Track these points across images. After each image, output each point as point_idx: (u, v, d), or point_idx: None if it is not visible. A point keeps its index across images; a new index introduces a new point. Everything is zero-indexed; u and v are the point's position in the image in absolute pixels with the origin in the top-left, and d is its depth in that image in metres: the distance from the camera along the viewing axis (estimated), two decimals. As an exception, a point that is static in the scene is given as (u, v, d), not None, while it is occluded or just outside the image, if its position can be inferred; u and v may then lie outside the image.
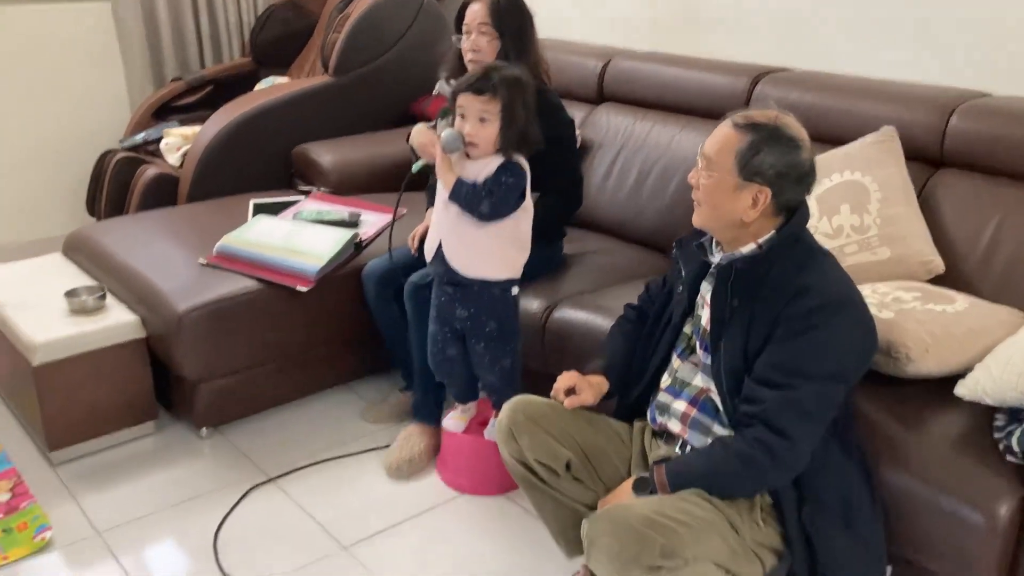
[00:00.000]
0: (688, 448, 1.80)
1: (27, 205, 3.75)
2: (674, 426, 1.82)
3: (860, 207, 2.18)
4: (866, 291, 1.97)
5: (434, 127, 2.31)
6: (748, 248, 1.70)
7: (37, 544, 2.13)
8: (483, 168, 2.08)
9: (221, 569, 2.06)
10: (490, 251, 2.15)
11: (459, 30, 2.48)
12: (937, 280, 2.13)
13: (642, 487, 1.70)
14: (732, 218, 1.68)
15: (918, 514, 1.70)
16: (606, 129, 3.01)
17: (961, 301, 1.95)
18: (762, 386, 1.63)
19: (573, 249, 2.74)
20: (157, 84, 3.89)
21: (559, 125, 2.52)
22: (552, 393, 1.92)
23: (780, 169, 1.64)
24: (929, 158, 2.30)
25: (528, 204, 2.15)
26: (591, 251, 2.76)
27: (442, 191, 2.11)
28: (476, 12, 2.42)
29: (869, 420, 1.80)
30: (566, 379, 1.92)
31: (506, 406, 1.89)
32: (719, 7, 2.98)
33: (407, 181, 2.27)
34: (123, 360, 2.48)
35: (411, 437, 2.44)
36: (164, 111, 3.79)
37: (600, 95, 3.12)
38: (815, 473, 1.68)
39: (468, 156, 2.08)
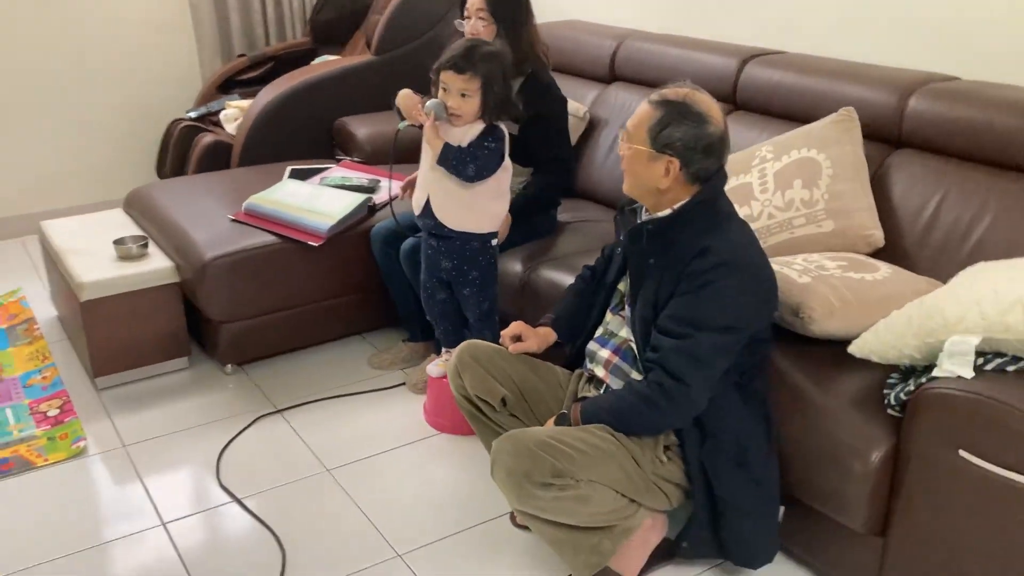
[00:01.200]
0: (609, 391, 2.00)
1: (106, 168, 4.19)
2: (599, 371, 2.03)
3: (811, 182, 2.32)
4: (798, 260, 2.13)
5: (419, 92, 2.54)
6: (664, 212, 1.88)
7: (73, 451, 2.50)
8: (466, 133, 2.32)
9: (219, 482, 2.38)
10: (474, 206, 2.40)
11: (463, 15, 2.72)
12: (878, 253, 2.25)
13: (561, 421, 1.91)
14: (650, 186, 1.86)
15: (807, 458, 1.86)
16: (613, 107, 3.19)
17: (884, 270, 2.07)
18: (662, 335, 1.82)
19: (570, 217, 2.96)
20: (225, 60, 4.26)
21: (550, 102, 2.73)
22: (500, 338, 2.15)
23: (687, 142, 1.81)
24: (889, 138, 2.41)
25: (507, 163, 2.39)
26: (586, 219, 2.96)
27: (429, 153, 2.36)
28: (474, 0, 2.65)
29: (780, 373, 1.96)
30: (514, 328, 2.15)
31: (457, 348, 2.13)
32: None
33: (395, 139, 2.51)
34: (159, 301, 2.83)
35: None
36: (228, 85, 4.15)
37: (612, 75, 3.30)
38: (714, 415, 1.86)
39: (451, 124, 2.32)
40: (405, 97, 2.41)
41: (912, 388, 1.72)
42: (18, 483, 2.37)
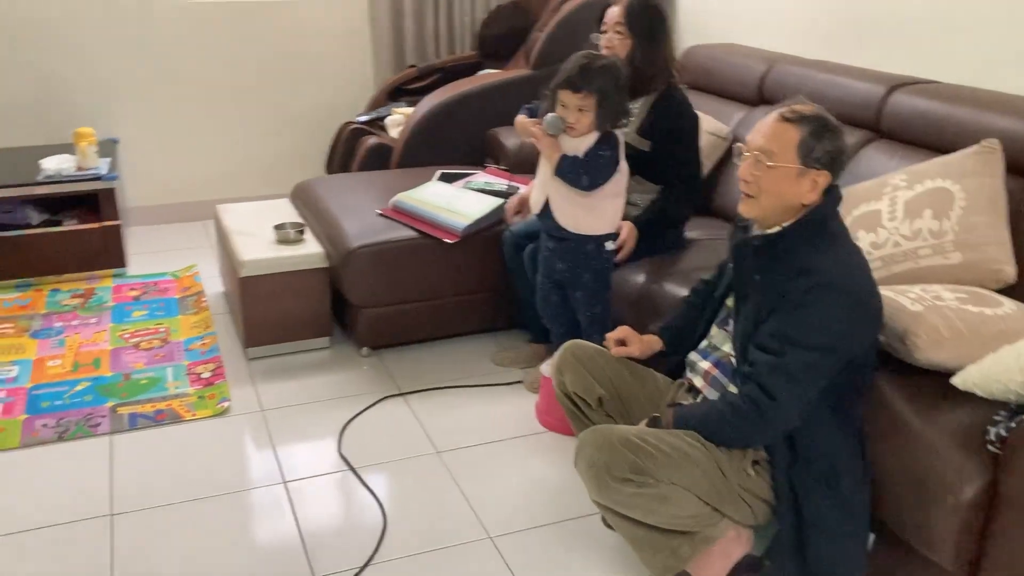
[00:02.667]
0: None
1: (282, 163, 4.57)
2: (698, 382, 2.06)
3: (942, 213, 2.25)
4: (915, 288, 2.07)
5: (532, 113, 2.65)
6: (773, 229, 1.89)
7: (217, 410, 2.76)
8: (582, 141, 2.41)
9: (339, 451, 2.57)
10: (591, 207, 2.49)
11: (600, 29, 2.81)
12: (1010, 291, 2.15)
13: (654, 423, 1.96)
14: (794, 203, 1.84)
15: (899, 487, 1.82)
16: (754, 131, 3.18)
17: (1008, 307, 1.99)
18: (759, 351, 1.83)
19: (700, 235, 2.98)
20: (397, 70, 4.55)
21: (684, 119, 2.78)
22: (604, 341, 2.22)
23: (834, 155, 1.82)
24: (1037, 173, 2.30)
25: (623, 166, 2.48)
26: (715, 238, 2.97)
27: (545, 167, 2.48)
28: (613, 13, 2.74)
29: (883, 397, 1.91)
30: (619, 332, 2.22)
31: (561, 347, 2.22)
32: (889, 23, 3.05)
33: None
34: (309, 283, 3.08)
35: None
36: (397, 92, 4.43)
37: (760, 97, 3.29)
38: (807, 436, 1.85)
39: (568, 134, 2.42)
40: (521, 125, 2.55)
41: (1013, 425, 1.66)
42: (167, 432, 2.65)
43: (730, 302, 2.07)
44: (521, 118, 2.58)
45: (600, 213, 2.52)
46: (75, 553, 2.14)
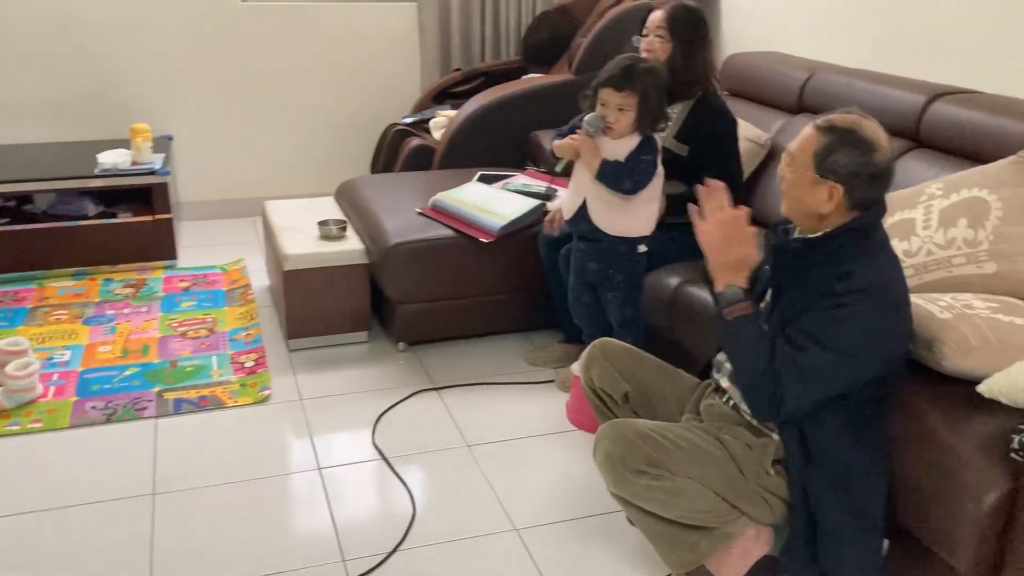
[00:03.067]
0: (731, 402, 2.05)
1: (328, 162, 4.67)
2: (724, 382, 2.08)
3: (977, 222, 2.24)
4: (945, 297, 2.08)
5: (569, 132, 2.68)
6: (817, 234, 1.90)
7: (258, 398, 2.85)
8: (622, 145, 2.46)
9: (373, 441, 2.64)
10: (630, 210, 2.54)
11: (642, 32, 2.85)
12: (1044, 302, 2.14)
13: (716, 300, 1.93)
14: (811, 210, 1.87)
15: (921, 491, 1.82)
16: (795, 137, 3.19)
17: (1039, 317, 1.98)
18: (784, 342, 1.85)
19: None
20: (442, 73, 4.63)
21: (720, 123, 2.81)
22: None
23: (853, 169, 1.82)
24: (1076, 184, 2.28)
25: (660, 170, 2.51)
26: (751, 245, 2.99)
27: (582, 172, 2.53)
28: (656, 17, 2.78)
29: (910, 404, 1.91)
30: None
31: (591, 343, 2.26)
32: (932, 33, 3.05)
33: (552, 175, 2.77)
34: (349, 278, 3.16)
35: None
36: (442, 96, 4.51)
37: (799, 105, 3.30)
38: (819, 439, 1.85)
39: (606, 135, 2.47)
40: (558, 145, 2.58)
41: (1036, 432, 1.66)
42: (210, 417, 2.75)
43: (763, 304, 2.09)
44: (559, 142, 2.60)
45: (636, 215, 2.56)
46: (118, 528, 2.23)
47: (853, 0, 3.39)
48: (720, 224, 1.91)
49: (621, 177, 2.46)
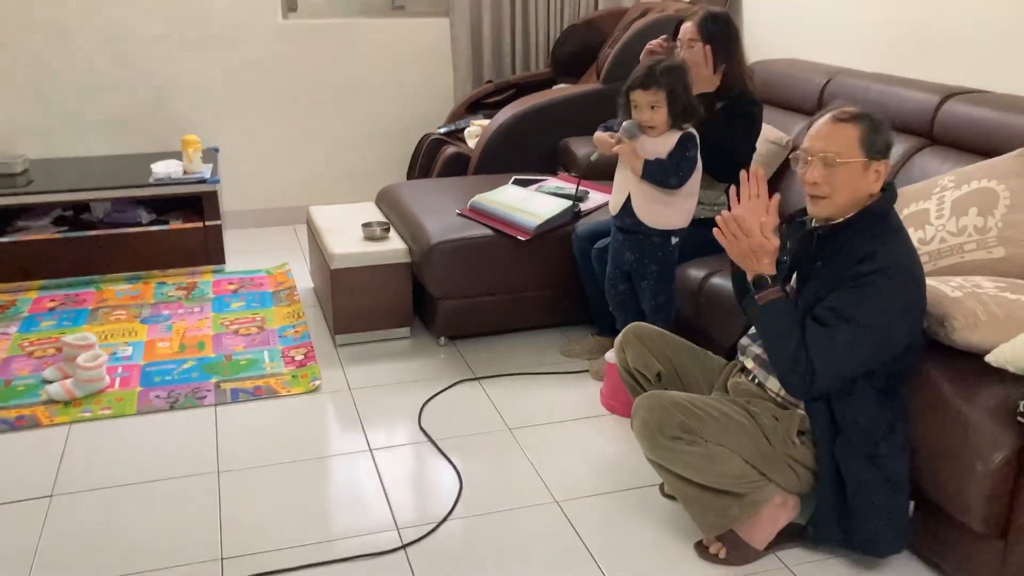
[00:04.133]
0: (756, 380, 2.20)
1: (367, 171, 4.88)
2: (748, 363, 2.24)
3: (987, 211, 2.39)
4: (956, 279, 2.23)
5: (609, 128, 2.86)
6: (837, 220, 2.05)
7: (310, 387, 3.04)
8: (664, 143, 2.64)
9: (420, 424, 2.81)
10: (672, 203, 2.72)
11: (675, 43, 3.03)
12: (1052, 283, 2.28)
13: (756, 283, 2.06)
14: (862, 194, 2.01)
15: (936, 456, 1.97)
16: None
17: (1045, 295, 2.12)
18: (813, 321, 2.00)
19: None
20: (475, 85, 4.83)
21: (749, 105, 2.95)
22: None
23: (889, 144, 2.02)
24: (1080, 174, 2.42)
25: (699, 165, 2.70)
26: (774, 240, 3.14)
27: (625, 170, 2.71)
28: (688, 28, 2.96)
29: (925, 376, 2.06)
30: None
31: (625, 328, 2.43)
32: (946, 36, 3.20)
33: (587, 167, 2.98)
34: (393, 277, 3.34)
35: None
36: (475, 106, 4.70)
37: (819, 108, 3.44)
38: (849, 412, 2.01)
39: (649, 135, 2.65)
40: (599, 139, 2.77)
41: (1039, 396, 1.80)
42: (265, 404, 2.94)
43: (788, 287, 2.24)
44: (599, 134, 2.80)
45: (677, 209, 2.74)
46: (188, 502, 2.41)
47: (869, 8, 3.55)
48: (752, 211, 2.06)
49: (668, 174, 2.64)
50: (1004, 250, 2.33)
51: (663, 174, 2.64)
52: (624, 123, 2.68)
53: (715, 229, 2.10)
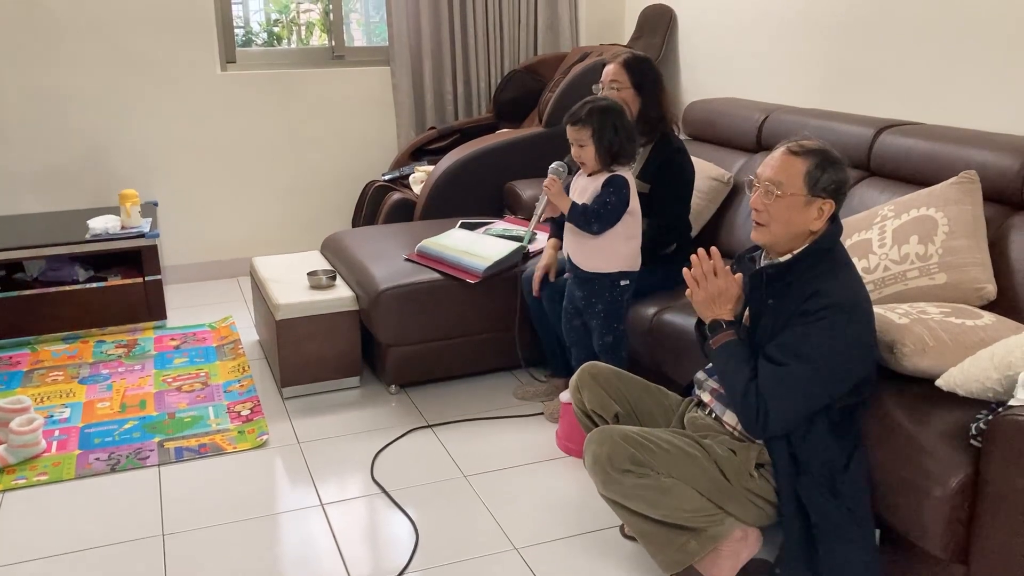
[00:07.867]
0: (713, 415, 2.19)
1: (311, 220, 4.83)
2: (705, 397, 2.23)
3: (927, 238, 2.44)
4: (903, 306, 2.25)
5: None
6: (783, 258, 2.06)
7: (257, 443, 2.95)
8: (591, 183, 2.64)
9: (372, 476, 2.74)
10: (602, 248, 2.70)
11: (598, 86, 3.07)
12: (992, 307, 2.32)
13: (712, 328, 2.09)
14: (801, 230, 2.02)
15: (893, 484, 1.97)
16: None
17: (988, 319, 2.16)
18: (765, 360, 2.00)
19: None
20: (418, 131, 4.83)
21: (678, 162, 2.97)
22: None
23: (838, 184, 2.01)
24: (1011, 200, 2.49)
25: (634, 207, 2.68)
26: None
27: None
28: (610, 70, 3.00)
29: (878, 403, 2.07)
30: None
31: (580, 369, 2.40)
32: (877, 72, 3.29)
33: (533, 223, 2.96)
34: (340, 325, 3.28)
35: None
36: (419, 153, 4.70)
37: (758, 144, 3.52)
38: (807, 448, 1.99)
39: (582, 172, 2.65)
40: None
41: (991, 417, 1.82)
42: (211, 463, 2.84)
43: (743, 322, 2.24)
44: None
45: (611, 254, 2.72)
46: (133, 568, 2.30)
47: (801, 45, 3.65)
48: (712, 286, 2.09)
49: (589, 219, 2.63)
50: (946, 276, 2.37)
51: (585, 220, 2.63)
52: (554, 162, 2.69)
53: (685, 269, 2.11)
